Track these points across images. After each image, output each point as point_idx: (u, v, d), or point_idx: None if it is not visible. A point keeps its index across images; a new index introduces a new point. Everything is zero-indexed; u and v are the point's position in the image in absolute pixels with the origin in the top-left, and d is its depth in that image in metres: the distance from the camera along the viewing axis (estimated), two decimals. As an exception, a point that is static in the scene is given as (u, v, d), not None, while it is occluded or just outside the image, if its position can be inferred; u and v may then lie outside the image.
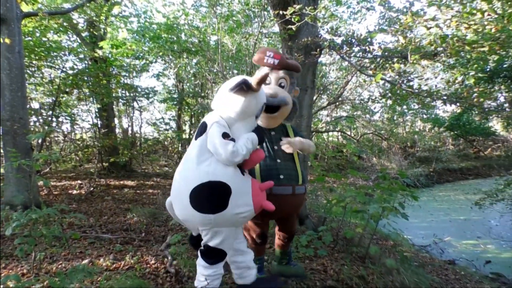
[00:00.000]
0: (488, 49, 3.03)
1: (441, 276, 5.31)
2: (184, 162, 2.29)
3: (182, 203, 2.21)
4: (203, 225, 2.24)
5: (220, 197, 2.15)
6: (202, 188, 2.12)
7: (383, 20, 7.01)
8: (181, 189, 2.21)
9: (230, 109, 2.25)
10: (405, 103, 10.76)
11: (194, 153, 2.20)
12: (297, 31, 4.58)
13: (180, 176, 2.26)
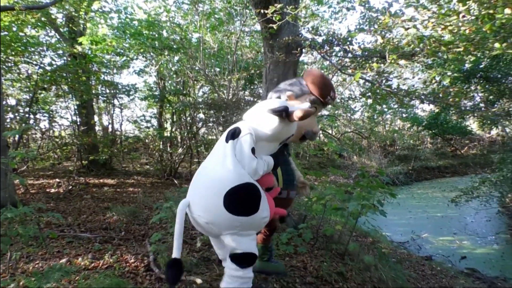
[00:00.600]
0: (463, 50, 3.11)
1: (417, 271, 5.44)
2: (214, 163, 2.19)
3: (213, 204, 2.09)
4: (230, 229, 2.15)
5: (256, 199, 2.12)
6: (240, 189, 2.06)
7: (364, 20, 7.11)
8: (214, 189, 2.09)
9: (262, 126, 2.20)
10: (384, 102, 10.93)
11: (230, 154, 2.11)
12: (278, 30, 4.60)
13: (213, 175, 2.14)
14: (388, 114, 19.92)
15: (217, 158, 2.18)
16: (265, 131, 2.20)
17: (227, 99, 8.88)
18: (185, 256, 3.60)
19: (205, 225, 2.20)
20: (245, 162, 2.10)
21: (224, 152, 2.14)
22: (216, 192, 2.06)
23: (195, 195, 2.20)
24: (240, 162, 2.10)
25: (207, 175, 2.18)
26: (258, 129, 2.20)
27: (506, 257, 7.66)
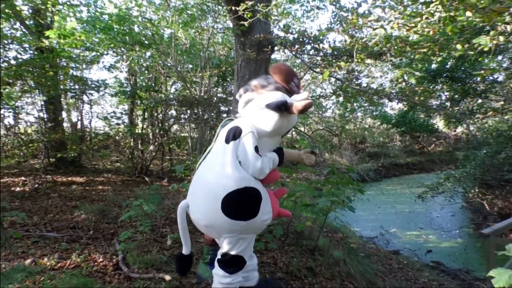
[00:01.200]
0: (427, 50, 3.21)
1: (385, 265, 5.60)
2: (213, 165, 2.18)
3: (211, 208, 2.10)
4: (229, 232, 2.15)
5: (254, 203, 2.12)
6: (238, 194, 2.06)
7: (335, 19, 7.23)
8: (212, 193, 2.10)
9: (261, 124, 2.21)
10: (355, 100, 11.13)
11: (230, 156, 2.10)
12: (249, 28, 4.61)
13: (211, 179, 2.13)
14: (359, 112, 20.31)
15: (216, 160, 2.16)
16: (266, 128, 2.21)
17: (199, 96, 8.82)
18: (155, 254, 3.58)
19: (204, 228, 2.23)
20: (249, 163, 2.09)
21: (224, 154, 2.12)
22: (214, 196, 2.07)
23: (194, 198, 2.21)
24: (244, 163, 2.10)
25: (206, 178, 2.16)
26: (258, 126, 2.20)
27: (469, 250, 7.98)
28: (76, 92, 10.60)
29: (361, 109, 18.60)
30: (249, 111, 2.31)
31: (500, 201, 9.73)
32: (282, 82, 2.49)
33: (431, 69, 12.05)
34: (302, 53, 5.36)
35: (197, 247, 3.92)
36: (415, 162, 20.79)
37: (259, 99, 2.30)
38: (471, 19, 2.41)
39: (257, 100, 2.29)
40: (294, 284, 3.48)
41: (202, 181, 2.19)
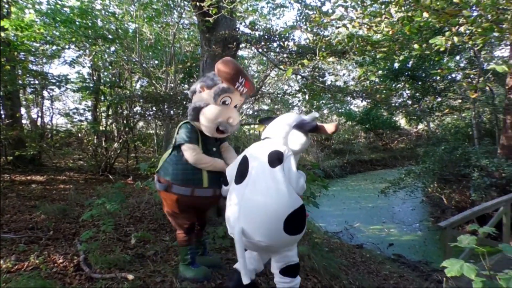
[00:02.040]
0: (388, 49, 3.31)
1: (349, 259, 5.73)
2: (267, 190, 2.25)
3: (274, 230, 2.22)
4: (288, 246, 2.39)
5: (305, 218, 2.35)
6: (296, 213, 2.23)
7: (300, 17, 7.30)
8: (273, 216, 2.21)
9: (291, 144, 2.42)
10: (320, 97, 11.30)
11: (281, 179, 2.23)
12: (215, 24, 4.59)
13: (270, 204, 2.22)
14: (325, 110, 20.63)
15: (268, 185, 2.25)
16: (295, 148, 2.43)
17: (165, 92, 8.69)
18: (119, 254, 3.51)
19: (264, 247, 2.33)
20: (294, 181, 2.28)
21: (274, 178, 2.25)
22: (276, 219, 2.20)
23: (252, 222, 2.27)
24: (291, 183, 2.26)
25: (264, 203, 2.23)
26: (289, 147, 2.41)
27: (428, 242, 8.32)
28: (36, 88, 10.19)
29: (326, 106, 18.90)
30: (277, 131, 2.48)
31: (457, 195, 10.17)
32: (227, 83, 2.53)
33: (394, 68, 12.43)
34: (268, 50, 5.39)
35: (162, 246, 3.88)
36: (378, 158, 21.39)
37: (283, 118, 2.54)
38: (428, 19, 2.51)
39: (282, 120, 2.52)
40: (259, 280, 3.51)
41: (260, 206, 2.24)
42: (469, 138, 12.59)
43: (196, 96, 2.68)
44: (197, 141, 2.68)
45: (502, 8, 2.72)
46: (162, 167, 2.80)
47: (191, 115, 2.63)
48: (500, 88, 12.44)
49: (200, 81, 2.66)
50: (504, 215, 5.58)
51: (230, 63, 2.55)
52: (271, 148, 2.36)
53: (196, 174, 2.70)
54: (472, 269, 1.79)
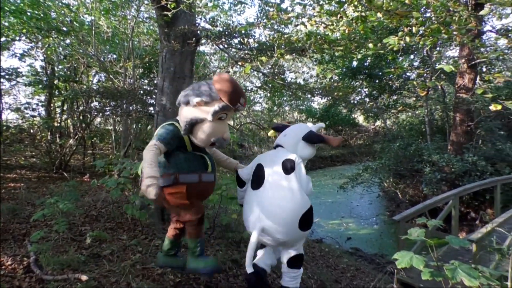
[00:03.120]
0: (344, 48, 3.38)
1: (308, 254, 5.84)
2: (284, 194, 2.66)
3: (291, 228, 2.66)
4: (300, 240, 2.89)
5: (312, 216, 2.79)
6: (308, 213, 2.69)
7: (261, 14, 7.32)
8: (290, 216, 2.64)
9: (301, 154, 2.83)
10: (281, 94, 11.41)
11: (295, 185, 2.66)
12: (174, 19, 4.51)
13: (287, 207, 2.64)
14: (286, 106, 20.85)
15: (284, 190, 2.67)
16: (304, 156, 2.85)
17: (123, 87, 8.46)
18: (72, 254, 3.39)
19: (282, 242, 2.80)
20: (305, 185, 2.71)
21: (290, 184, 2.67)
22: (292, 219, 2.64)
23: (273, 222, 2.67)
24: (302, 187, 2.69)
25: (282, 206, 2.64)
26: (300, 155, 2.81)
27: (384, 236, 8.63)
28: (-17, 81, 9.61)
29: (288, 103, 19.10)
30: (289, 141, 2.91)
31: (411, 190, 10.61)
32: (228, 103, 2.54)
33: (352, 67, 12.76)
34: (229, 47, 5.36)
35: (119, 244, 3.79)
36: (338, 154, 21.90)
37: (295, 129, 2.97)
38: (381, 20, 2.59)
39: (294, 130, 2.96)
40: (219, 276, 3.51)
41: (280, 209, 2.65)
42: (422, 134, 13.15)
43: (189, 109, 2.57)
44: (174, 143, 2.59)
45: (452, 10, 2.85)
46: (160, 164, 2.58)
47: (185, 129, 2.57)
48: (451, 87, 13.06)
49: (195, 94, 2.56)
50: (453, 208, 5.87)
51: (233, 83, 2.57)
52: (283, 157, 2.76)
53: (201, 160, 2.72)
54: (421, 260, 1.87)
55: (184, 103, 2.59)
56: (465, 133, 10.18)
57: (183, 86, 4.94)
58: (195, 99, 2.51)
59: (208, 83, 2.61)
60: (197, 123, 2.56)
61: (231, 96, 2.53)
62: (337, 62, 11.44)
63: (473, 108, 9.87)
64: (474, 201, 9.53)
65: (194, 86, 2.63)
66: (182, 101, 2.61)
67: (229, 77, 2.61)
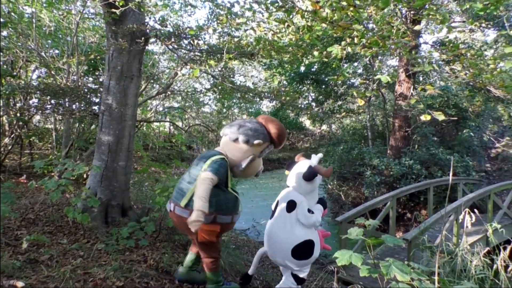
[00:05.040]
0: (291, 54, 3.50)
1: (254, 255, 5.92)
2: (283, 227, 3.19)
3: (286, 255, 3.16)
4: (298, 267, 3.26)
5: (310, 249, 3.16)
6: (301, 245, 3.12)
7: (212, 16, 7.34)
8: (284, 246, 3.16)
9: (305, 190, 3.24)
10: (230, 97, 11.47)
11: (293, 221, 3.17)
12: (122, 16, 4.41)
13: (282, 238, 3.19)
14: (235, 109, 20.93)
15: (284, 224, 3.20)
16: (308, 192, 3.25)
17: (65, 84, 8.08)
18: (7, 260, 3.21)
19: (283, 265, 3.34)
20: (307, 221, 3.13)
21: (289, 220, 3.17)
22: (287, 248, 3.14)
23: (273, 248, 3.29)
24: (305, 222, 3.13)
25: (280, 236, 3.20)
26: (304, 192, 3.24)
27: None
28: None
29: (237, 105, 19.19)
30: (294, 181, 3.28)
31: (353, 192, 11.07)
32: (277, 146, 3.16)
33: (300, 72, 13.11)
34: (179, 47, 5.32)
35: (58, 249, 3.63)
36: (285, 157, 22.30)
37: (298, 170, 3.29)
38: (326, 30, 2.72)
39: (296, 175, 3.27)
40: (165, 279, 3.47)
41: (277, 238, 3.22)
42: (364, 139, 13.78)
43: (248, 147, 2.95)
44: (223, 177, 2.84)
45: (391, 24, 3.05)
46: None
47: (246, 165, 2.96)
48: (391, 94, 13.80)
49: (254, 136, 2.94)
50: (391, 209, 6.23)
51: (284, 129, 3.15)
52: (289, 197, 3.26)
53: (236, 201, 3.00)
54: (359, 258, 1.99)
55: (244, 141, 2.92)
56: (403, 138, 10.81)
57: (130, 86, 4.85)
58: (256, 141, 2.93)
59: (259, 124, 3.06)
60: (254, 160, 3.04)
61: (281, 140, 3.12)
62: (286, 67, 11.73)
63: (410, 115, 10.50)
64: (410, 203, 10.14)
65: (249, 126, 2.99)
66: (242, 139, 2.92)
67: (282, 125, 3.20)
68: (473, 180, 9.75)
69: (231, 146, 2.97)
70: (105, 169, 4.69)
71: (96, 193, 4.65)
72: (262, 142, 2.94)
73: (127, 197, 5.01)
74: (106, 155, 4.73)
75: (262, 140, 2.95)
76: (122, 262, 3.46)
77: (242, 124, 2.99)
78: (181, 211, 2.82)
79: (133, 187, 7.50)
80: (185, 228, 2.74)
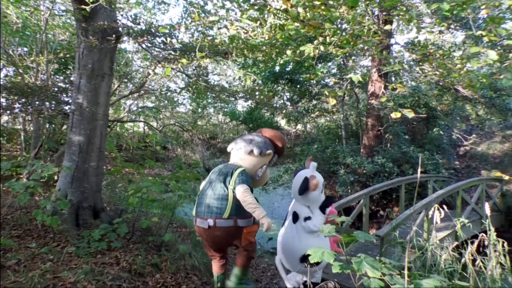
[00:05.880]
0: (265, 53, 3.51)
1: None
2: (292, 237, 3.42)
3: (293, 262, 3.42)
4: (309, 273, 3.32)
5: None
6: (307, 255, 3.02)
7: (186, 15, 7.26)
8: (293, 256, 3.39)
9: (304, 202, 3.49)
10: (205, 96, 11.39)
11: (298, 232, 3.40)
12: (93, 13, 4.32)
13: (292, 247, 3.42)
14: (211, 108, 20.83)
15: (291, 234, 3.45)
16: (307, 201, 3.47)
17: (34, 83, 7.84)
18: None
19: (294, 270, 3.55)
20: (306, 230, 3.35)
21: (292, 231, 3.43)
22: (293, 256, 3.38)
23: (285, 257, 3.53)
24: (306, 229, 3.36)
25: (288, 246, 3.46)
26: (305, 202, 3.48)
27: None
28: None
29: (212, 105, 19.11)
30: (292, 192, 3.59)
31: (328, 190, 11.18)
32: (280, 155, 3.59)
33: (275, 71, 13.15)
34: (152, 46, 5.24)
35: (27, 253, 3.51)
36: (261, 157, 22.35)
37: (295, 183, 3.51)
38: (298, 29, 2.74)
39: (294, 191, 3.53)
40: (138, 281, 3.42)
41: (287, 246, 3.48)
42: (339, 138, 13.96)
43: (261, 158, 3.35)
44: (251, 185, 3.20)
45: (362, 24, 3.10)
46: (239, 207, 3.10)
47: (263, 172, 3.44)
48: (364, 94, 14.04)
49: (265, 147, 3.36)
50: (364, 207, 6.33)
51: (285, 142, 3.64)
52: (293, 208, 3.55)
53: None
54: (331, 255, 2.01)
55: (258, 153, 3.29)
56: (376, 137, 11.02)
57: (102, 84, 4.76)
58: (268, 151, 3.35)
59: (264, 137, 3.49)
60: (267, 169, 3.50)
61: (284, 150, 3.60)
62: (260, 66, 11.75)
63: (382, 114, 10.71)
64: (383, 200, 10.34)
65: (261, 140, 3.41)
66: (256, 151, 3.29)
67: (281, 134, 3.66)
68: (442, 177, 10.03)
69: (247, 158, 3.31)
70: (76, 170, 4.58)
71: (67, 195, 4.53)
72: (272, 152, 3.35)
73: (99, 198, 4.90)
74: (77, 156, 4.62)
75: (272, 150, 3.36)
76: (93, 265, 3.39)
77: (252, 138, 3.40)
78: (225, 222, 3.09)
79: (106, 189, 7.35)
80: (228, 237, 3.18)
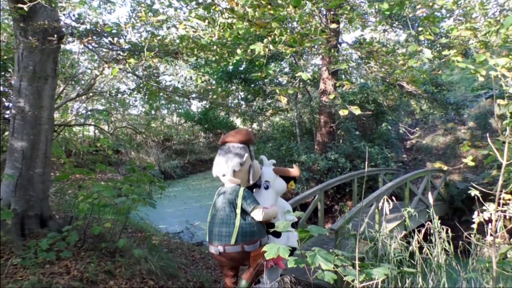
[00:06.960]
0: (216, 53, 3.49)
1: (188, 257, 5.85)
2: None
3: None
4: None
5: None
6: None
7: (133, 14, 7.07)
8: None
9: None
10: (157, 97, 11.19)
11: None
12: (32, 12, 4.10)
13: None
14: (164, 110, 20.47)
15: None
16: None
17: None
18: None
19: None
20: None
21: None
22: None
23: None
24: None
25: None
26: None
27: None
28: None
29: (165, 106, 18.78)
30: None
31: (284, 188, 11.36)
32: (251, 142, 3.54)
33: (228, 71, 13.14)
34: (99, 46, 5.05)
35: None
36: (217, 157, 22.25)
37: None
38: (247, 28, 2.75)
39: None
40: (91, 290, 3.30)
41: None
42: (293, 135, 14.18)
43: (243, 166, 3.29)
44: None
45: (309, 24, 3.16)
46: (245, 233, 3.19)
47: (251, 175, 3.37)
48: (316, 92, 14.36)
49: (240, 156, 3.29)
50: (319, 202, 6.48)
51: (247, 131, 3.61)
52: None
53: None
54: (286, 250, 2.04)
55: (240, 164, 3.25)
56: (328, 133, 11.31)
57: (45, 87, 4.53)
58: (244, 157, 3.29)
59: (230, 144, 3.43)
60: None
61: (251, 138, 3.56)
62: (213, 66, 11.69)
63: (333, 111, 11.01)
64: (337, 195, 10.63)
65: (232, 152, 3.35)
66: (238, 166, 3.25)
67: (241, 129, 3.64)
68: (392, 170, 10.48)
69: (235, 176, 3.31)
70: (19, 177, 4.33)
71: (10, 204, 4.27)
72: (246, 154, 3.32)
73: (46, 206, 4.66)
74: (20, 163, 4.36)
75: (245, 151, 3.34)
76: (41, 276, 3.23)
77: (226, 159, 3.32)
78: (232, 248, 3.17)
79: (55, 196, 7.02)
80: (238, 260, 3.29)
